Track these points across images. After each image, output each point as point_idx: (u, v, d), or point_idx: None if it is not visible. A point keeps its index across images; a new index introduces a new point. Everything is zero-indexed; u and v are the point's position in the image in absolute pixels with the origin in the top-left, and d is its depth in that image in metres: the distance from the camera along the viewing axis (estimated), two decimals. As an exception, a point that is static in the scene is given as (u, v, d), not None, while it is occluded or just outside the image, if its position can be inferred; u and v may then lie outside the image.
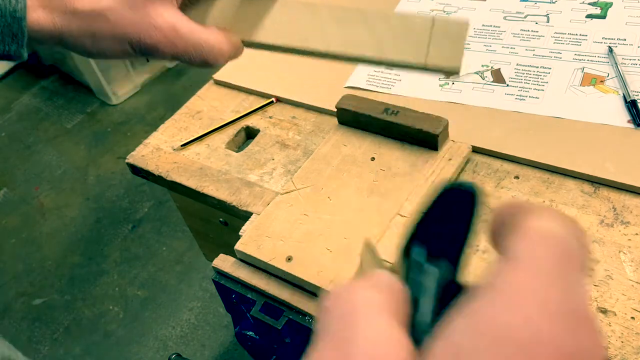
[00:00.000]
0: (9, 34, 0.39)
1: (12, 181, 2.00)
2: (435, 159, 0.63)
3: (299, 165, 0.68)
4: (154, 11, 0.40)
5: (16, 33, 0.39)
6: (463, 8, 0.83)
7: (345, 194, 0.61)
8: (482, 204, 0.24)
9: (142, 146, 0.77)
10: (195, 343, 1.48)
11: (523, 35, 0.77)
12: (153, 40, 0.40)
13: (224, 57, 0.43)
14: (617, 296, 0.51)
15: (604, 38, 0.73)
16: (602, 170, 0.59)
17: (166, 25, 0.41)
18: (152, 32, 0.40)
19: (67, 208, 1.87)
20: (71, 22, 0.40)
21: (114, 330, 1.53)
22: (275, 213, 0.61)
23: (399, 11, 0.81)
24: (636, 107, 0.63)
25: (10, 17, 0.38)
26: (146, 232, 1.75)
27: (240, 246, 0.59)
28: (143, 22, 0.40)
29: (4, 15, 0.38)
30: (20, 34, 0.39)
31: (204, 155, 0.73)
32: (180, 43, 0.41)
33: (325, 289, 0.54)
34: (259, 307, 0.58)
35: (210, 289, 1.57)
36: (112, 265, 1.69)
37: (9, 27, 0.38)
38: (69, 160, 2.03)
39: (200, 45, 0.42)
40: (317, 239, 0.58)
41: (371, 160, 0.64)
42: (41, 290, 1.67)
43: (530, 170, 0.62)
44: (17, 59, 0.40)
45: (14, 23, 0.38)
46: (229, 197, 0.67)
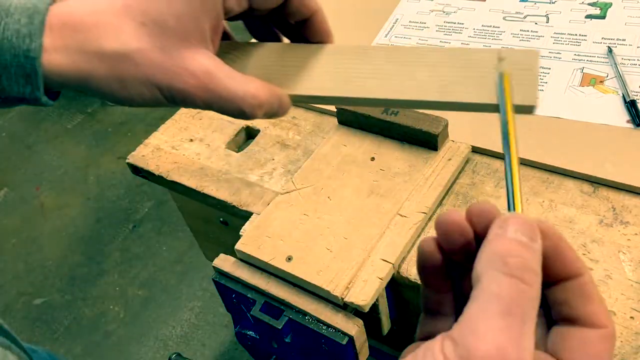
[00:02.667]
0: (22, 75, 0.35)
1: (12, 181, 2.01)
2: (435, 159, 0.63)
3: (299, 165, 0.68)
4: (188, 55, 0.36)
5: (30, 74, 0.35)
6: (463, 8, 0.83)
7: (345, 194, 0.62)
8: None
9: (142, 146, 0.77)
10: (196, 343, 1.48)
11: (522, 36, 0.77)
12: (185, 86, 0.36)
13: (262, 108, 0.39)
14: (617, 296, 0.51)
15: (603, 38, 0.73)
16: (602, 170, 0.59)
17: (200, 70, 0.36)
18: (185, 77, 0.36)
19: (68, 208, 1.87)
20: (96, 65, 0.36)
21: (114, 330, 1.54)
22: (275, 213, 0.61)
23: (457, 46, 0.76)
24: (635, 107, 0.63)
25: (23, 57, 0.34)
26: (146, 232, 1.75)
27: (241, 246, 0.59)
28: (175, 66, 0.36)
29: (17, 55, 0.34)
30: (34, 76, 0.35)
31: (204, 155, 0.74)
32: (215, 90, 0.37)
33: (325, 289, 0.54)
34: (259, 306, 0.58)
35: (210, 288, 1.57)
36: (113, 265, 1.69)
37: (21, 67, 0.35)
38: (70, 160, 2.03)
39: (236, 93, 0.37)
40: (317, 239, 0.58)
41: (371, 160, 0.64)
42: (41, 290, 1.67)
43: (529, 170, 0.62)
44: (34, 103, 0.36)
45: (27, 63, 0.35)
46: (229, 197, 0.67)
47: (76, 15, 0.36)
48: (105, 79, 0.36)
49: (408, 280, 0.56)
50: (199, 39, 0.37)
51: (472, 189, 0.62)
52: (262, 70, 0.41)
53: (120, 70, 0.36)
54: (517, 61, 0.38)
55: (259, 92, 0.38)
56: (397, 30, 0.83)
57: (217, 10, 0.37)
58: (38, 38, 0.35)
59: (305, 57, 0.42)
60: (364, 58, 0.41)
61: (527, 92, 0.37)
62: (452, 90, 0.38)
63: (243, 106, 0.38)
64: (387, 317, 0.60)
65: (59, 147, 2.09)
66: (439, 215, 0.30)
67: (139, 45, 0.36)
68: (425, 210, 0.58)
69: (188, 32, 0.36)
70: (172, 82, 0.36)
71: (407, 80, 0.39)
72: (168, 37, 0.36)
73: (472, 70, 0.39)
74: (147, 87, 0.37)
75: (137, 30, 0.36)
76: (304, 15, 0.42)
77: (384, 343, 0.74)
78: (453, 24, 0.81)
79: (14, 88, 0.35)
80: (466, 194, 0.62)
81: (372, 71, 0.40)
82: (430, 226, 0.59)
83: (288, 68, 0.42)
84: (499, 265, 0.25)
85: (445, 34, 0.80)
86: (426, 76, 0.39)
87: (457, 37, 0.79)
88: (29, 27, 0.34)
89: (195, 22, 0.37)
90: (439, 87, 0.39)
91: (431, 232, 0.59)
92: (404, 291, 0.61)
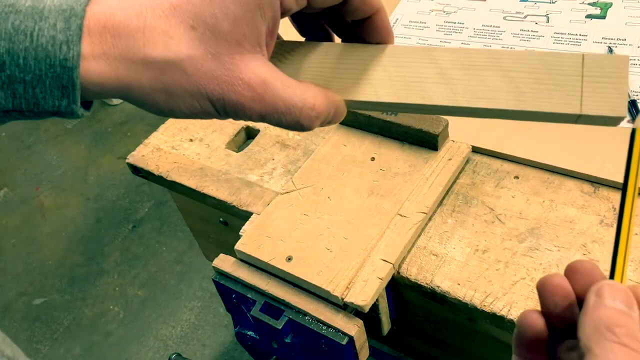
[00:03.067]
0: (58, 87, 0.31)
1: (12, 181, 2.00)
2: (435, 159, 0.63)
3: (299, 165, 0.68)
4: (242, 62, 0.33)
5: (66, 85, 0.31)
6: (463, 8, 0.83)
7: (345, 194, 0.61)
8: None
9: (142, 146, 0.77)
10: (196, 343, 1.48)
11: (523, 36, 0.77)
12: (239, 98, 0.33)
13: (319, 119, 0.36)
14: (617, 296, 0.51)
15: (603, 38, 0.73)
16: (602, 170, 0.59)
17: (256, 79, 0.33)
18: (239, 88, 0.33)
19: (67, 208, 1.87)
20: (140, 74, 0.32)
21: (114, 330, 1.54)
22: (275, 213, 0.61)
23: (537, 49, 0.74)
24: (636, 107, 0.63)
25: (59, 67, 0.31)
26: (146, 232, 1.75)
27: (240, 246, 0.59)
28: (228, 75, 0.33)
29: (53, 65, 0.31)
30: (71, 87, 0.31)
31: (204, 155, 0.73)
32: (271, 100, 0.34)
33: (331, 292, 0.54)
34: (259, 307, 0.58)
35: (210, 288, 1.57)
36: (112, 265, 1.69)
37: (58, 78, 0.31)
38: (69, 160, 2.03)
39: (293, 103, 0.34)
40: (317, 239, 0.58)
41: (371, 160, 0.64)
42: (41, 290, 1.67)
43: (530, 170, 0.62)
44: (70, 117, 0.33)
45: (64, 74, 0.31)
46: (229, 197, 0.67)
47: (117, 18, 0.32)
48: (150, 90, 0.33)
49: (408, 281, 0.56)
50: (253, 43, 0.33)
51: (472, 189, 0.62)
52: (315, 74, 0.38)
53: (168, 80, 0.32)
54: (604, 67, 0.34)
55: (317, 101, 0.35)
56: (397, 30, 0.83)
57: (275, 10, 0.34)
58: (76, 45, 0.31)
59: (362, 59, 0.38)
60: (428, 60, 0.37)
61: (614, 103, 0.35)
62: (530, 98, 0.35)
63: (301, 118, 0.35)
64: (387, 317, 0.60)
65: (58, 147, 2.09)
66: (541, 279, 0.30)
67: (189, 52, 0.32)
68: (425, 210, 0.58)
69: (243, 37, 0.33)
70: (225, 94, 0.33)
71: (477, 87, 0.36)
72: (221, 42, 0.32)
73: (552, 76, 0.35)
74: (198, 99, 0.33)
75: (187, 34, 0.32)
76: (364, 14, 0.38)
77: (384, 343, 0.74)
78: (453, 24, 0.81)
79: (48, 101, 0.32)
80: (466, 194, 0.61)
81: (437, 76, 0.37)
82: (431, 226, 0.59)
83: (344, 71, 0.38)
84: (609, 334, 0.25)
85: (445, 34, 0.80)
86: (499, 82, 0.36)
87: (457, 36, 0.79)
88: (66, 33, 0.31)
89: (251, 26, 0.33)
90: (515, 94, 0.35)
91: (431, 232, 0.59)
92: (404, 291, 0.61)
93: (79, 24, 0.31)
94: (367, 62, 0.38)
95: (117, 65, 0.32)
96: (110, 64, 0.32)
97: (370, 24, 0.38)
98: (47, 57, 0.31)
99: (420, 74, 0.37)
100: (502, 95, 0.35)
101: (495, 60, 0.36)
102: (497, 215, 0.59)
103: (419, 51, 0.37)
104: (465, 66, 0.36)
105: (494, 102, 0.35)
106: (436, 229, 0.59)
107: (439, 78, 0.37)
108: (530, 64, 0.35)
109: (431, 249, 0.57)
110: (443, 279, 0.55)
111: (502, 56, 0.36)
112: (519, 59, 0.36)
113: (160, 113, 0.35)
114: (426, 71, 0.37)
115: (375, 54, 0.38)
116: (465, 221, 0.59)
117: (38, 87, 0.31)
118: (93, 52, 0.31)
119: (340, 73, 0.38)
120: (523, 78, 0.35)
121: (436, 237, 0.58)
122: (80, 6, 0.31)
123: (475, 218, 0.59)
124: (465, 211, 0.60)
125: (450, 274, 0.55)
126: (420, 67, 0.37)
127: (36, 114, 0.33)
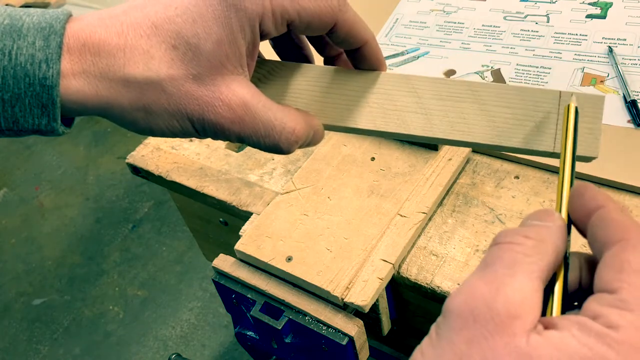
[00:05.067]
0: (38, 105, 0.31)
1: (12, 181, 2.00)
2: (435, 159, 0.63)
3: (299, 165, 0.68)
4: (224, 83, 0.33)
5: (46, 104, 0.31)
6: (463, 8, 0.83)
7: (345, 194, 0.61)
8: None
9: (142, 146, 0.77)
10: (195, 343, 1.48)
11: (523, 35, 0.77)
12: (218, 118, 0.33)
13: (298, 142, 0.36)
14: (617, 296, 0.51)
15: (604, 38, 0.73)
16: (602, 170, 0.59)
17: (236, 100, 0.33)
18: (219, 108, 0.33)
19: (67, 208, 1.87)
20: (120, 93, 0.32)
21: (114, 330, 1.54)
22: (275, 213, 0.61)
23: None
24: (636, 107, 0.63)
25: (39, 86, 0.30)
26: (146, 232, 1.75)
27: (240, 246, 0.59)
28: (209, 96, 0.33)
29: (32, 84, 0.30)
30: (51, 105, 0.31)
31: (204, 155, 0.73)
32: (250, 122, 0.34)
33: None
34: (259, 307, 0.58)
35: (210, 289, 1.57)
36: (112, 265, 1.69)
37: (37, 97, 0.31)
38: (69, 161, 2.03)
39: (273, 127, 0.34)
40: (317, 239, 0.58)
41: (371, 160, 0.64)
42: (41, 290, 1.67)
43: (530, 170, 0.62)
44: (51, 134, 0.33)
45: (44, 92, 0.31)
46: (229, 197, 0.67)
47: (97, 36, 0.32)
48: (130, 109, 0.32)
49: (408, 281, 0.56)
50: (235, 64, 0.33)
51: (472, 189, 0.62)
52: (296, 96, 0.38)
53: (148, 100, 0.32)
54: (580, 106, 0.34)
55: (297, 126, 0.35)
56: (397, 30, 0.83)
57: (254, 32, 0.34)
58: (56, 63, 0.31)
59: (342, 84, 0.38)
60: (407, 89, 0.37)
61: (589, 142, 0.34)
62: (505, 133, 0.35)
63: (280, 142, 0.35)
64: (387, 317, 0.60)
65: (58, 147, 2.09)
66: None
67: (170, 72, 0.32)
68: (425, 210, 0.58)
69: (225, 58, 0.33)
70: (205, 114, 0.33)
71: (454, 119, 0.36)
72: (202, 62, 0.32)
73: (529, 112, 0.35)
74: (178, 119, 0.33)
75: (168, 54, 0.32)
76: (352, 46, 0.37)
77: (384, 343, 0.74)
78: (453, 24, 0.81)
79: (28, 120, 0.31)
80: (466, 194, 0.61)
81: (415, 105, 0.37)
82: (431, 226, 0.59)
83: (324, 95, 0.38)
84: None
85: (445, 34, 0.80)
86: (476, 115, 0.36)
87: (457, 36, 0.79)
88: (45, 51, 0.30)
89: (233, 47, 0.33)
90: (491, 129, 0.35)
91: (432, 232, 0.59)
92: (404, 291, 0.61)
93: (59, 41, 0.31)
94: (347, 88, 0.38)
95: (97, 84, 0.32)
96: (90, 82, 0.32)
97: (359, 54, 0.38)
98: (26, 76, 0.30)
99: (399, 102, 0.37)
100: (478, 130, 0.36)
101: (474, 92, 0.36)
102: (497, 216, 0.59)
103: (399, 79, 0.37)
104: (444, 97, 0.36)
105: (469, 136, 0.36)
106: (436, 229, 0.59)
107: (416, 107, 0.37)
108: (507, 99, 0.36)
109: (431, 249, 0.57)
110: (443, 279, 0.55)
111: (480, 89, 0.36)
112: (496, 93, 0.36)
113: (140, 132, 0.34)
114: (405, 100, 0.37)
115: (356, 80, 0.38)
116: (465, 221, 0.59)
117: (17, 105, 0.31)
118: (73, 70, 0.31)
119: (321, 97, 0.38)
120: (500, 112, 0.36)
121: (436, 237, 0.58)
122: (59, 24, 0.31)
123: (475, 218, 0.59)
124: (465, 211, 0.60)
125: (450, 274, 0.55)
126: (399, 95, 0.37)
127: (16, 132, 0.32)
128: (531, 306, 0.24)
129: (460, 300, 0.24)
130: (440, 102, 0.36)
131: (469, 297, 0.24)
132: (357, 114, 0.37)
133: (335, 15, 0.35)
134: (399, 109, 0.37)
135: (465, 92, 0.36)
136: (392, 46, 0.81)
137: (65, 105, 0.32)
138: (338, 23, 0.35)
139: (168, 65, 0.32)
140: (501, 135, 0.35)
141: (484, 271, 0.25)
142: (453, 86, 0.36)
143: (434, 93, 0.37)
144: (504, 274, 0.24)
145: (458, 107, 0.36)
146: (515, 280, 0.24)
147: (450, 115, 0.36)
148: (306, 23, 0.34)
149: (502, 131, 0.35)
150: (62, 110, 0.32)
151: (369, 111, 0.37)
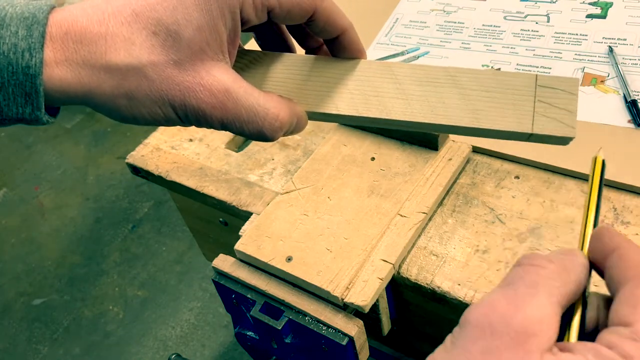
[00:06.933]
0: (22, 94, 0.31)
1: (12, 181, 2.00)
2: (436, 159, 0.62)
3: (299, 165, 0.68)
4: (204, 69, 0.33)
5: (30, 92, 0.31)
6: (463, 7, 0.83)
7: (345, 194, 0.61)
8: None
9: (142, 146, 0.77)
10: (195, 343, 1.48)
11: (523, 35, 0.77)
12: (200, 103, 0.33)
13: (282, 129, 0.36)
14: (618, 296, 0.51)
15: (604, 38, 0.73)
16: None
17: (218, 86, 0.33)
18: (200, 94, 0.33)
19: (67, 208, 1.87)
20: (102, 80, 0.32)
21: (114, 330, 1.53)
22: (275, 213, 0.61)
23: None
24: (636, 107, 0.63)
25: (22, 75, 0.31)
26: (146, 232, 1.75)
27: (240, 246, 0.59)
28: (190, 82, 0.33)
29: (16, 72, 0.31)
30: (35, 94, 0.31)
31: (203, 155, 0.73)
32: (233, 108, 0.34)
33: (331, 291, 0.54)
34: (259, 307, 0.58)
35: (210, 289, 1.57)
36: (112, 265, 1.69)
37: (21, 85, 0.31)
38: (69, 160, 2.03)
39: (256, 112, 0.34)
40: (317, 239, 0.58)
41: (371, 160, 0.64)
42: (41, 290, 1.67)
43: (530, 170, 0.62)
44: (35, 123, 0.33)
45: (27, 81, 0.31)
46: (229, 197, 0.67)
47: (79, 24, 0.32)
48: (112, 95, 0.33)
49: (408, 281, 0.56)
50: (216, 50, 0.34)
51: (472, 189, 0.62)
52: (278, 84, 0.38)
53: (130, 86, 0.33)
54: (555, 88, 0.36)
55: (280, 112, 0.35)
56: (397, 29, 0.83)
57: (235, 19, 0.34)
58: (39, 52, 0.31)
59: (324, 72, 0.39)
60: (387, 76, 0.38)
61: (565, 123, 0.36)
62: (484, 116, 0.36)
63: (264, 128, 0.35)
64: (387, 317, 0.60)
65: (58, 147, 2.09)
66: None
67: (151, 58, 0.32)
68: (425, 210, 0.58)
69: (206, 44, 0.33)
70: (186, 100, 0.33)
71: (433, 103, 0.37)
72: (183, 49, 0.33)
73: (506, 95, 0.36)
74: (160, 105, 0.33)
75: (148, 41, 0.32)
76: (331, 35, 0.38)
77: (384, 343, 0.74)
78: (454, 24, 0.81)
79: (12, 109, 0.32)
80: (467, 194, 0.61)
81: (396, 91, 0.37)
82: (431, 226, 0.59)
83: (305, 83, 0.39)
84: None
85: (445, 34, 0.80)
86: (456, 99, 0.36)
87: (457, 36, 0.79)
88: (28, 40, 0.31)
89: (213, 33, 0.33)
90: (470, 112, 0.36)
91: (432, 232, 0.59)
92: (404, 291, 0.61)
93: (42, 31, 0.31)
94: (328, 75, 0.39)
95: (79, 71, 0.32)
96: (73, 70, 0.32)
97: (338, 43, 0.39)
98: (9, 65, 0.31)
99: (380, 88, 0.38)
100: (457, 113, 0.36)
101: (452, 77, 0.37)
102: (497, 216, 0.59)
103: (379, 66, 0.38)
104: (423, 82, 0.37)
105: (449, 119, 0.36)
106: (436, 229, 0.59)
107: (397, 93, 0.37)
108: (486, 83, 0.36)
109: (431, 249, 0.57)
110: (443, 279, 0.54)
111: (459, 74, 0.37)
112: (475, 78, 0.37)
113: (122, 119, 0.35)
114: (385, 86, 0.38)
115: (337, 68, 0.39)
116: (465, 221, 0.59)
117: (1, 94, 0.31)
118: (55, 58, 0.32)
119: (302, 85, 0.38)
120: (479, 96, 0.36)
121: (436, 237, 0.58)
122: (42, 14, 0.32)
123: (475, 218, 0.59)
124: (465, 211, 0.60)
125: (450, 274, 0.55)
126: (379, 81, 0.38)
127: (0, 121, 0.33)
128: (548, 327, 0.24)
129: (480, 312, 0.25)
130: (420, 87, 0.37)
131: (489, 310, 0.25)
132: (339, 100, 0.38)
133: (314, 3, 0.36)
134: (379, 95, 0.38)
135: (444, 77, 0.37)
136: (392, 46, 0.81)
137: (48, 93, 0.32)
138: (317, 11, 0.36)
139: (149, 52, 0.32)
140: (480, 118, 0.36)
141: (505, 288, 0.26)
142: (431, 72, 0.37)
143: (414, 79, 0.37)
144: (525, 293, 0.25)
145: (438, 92, 0.37)
146: (535, 300, 0.25)
147: (430, 99, 0.37)
148: (286, 11, 0.35)
149: (481, 114, 0.36)
150: (46, 99, 0.32)
151: (350, 97, 0.38)
